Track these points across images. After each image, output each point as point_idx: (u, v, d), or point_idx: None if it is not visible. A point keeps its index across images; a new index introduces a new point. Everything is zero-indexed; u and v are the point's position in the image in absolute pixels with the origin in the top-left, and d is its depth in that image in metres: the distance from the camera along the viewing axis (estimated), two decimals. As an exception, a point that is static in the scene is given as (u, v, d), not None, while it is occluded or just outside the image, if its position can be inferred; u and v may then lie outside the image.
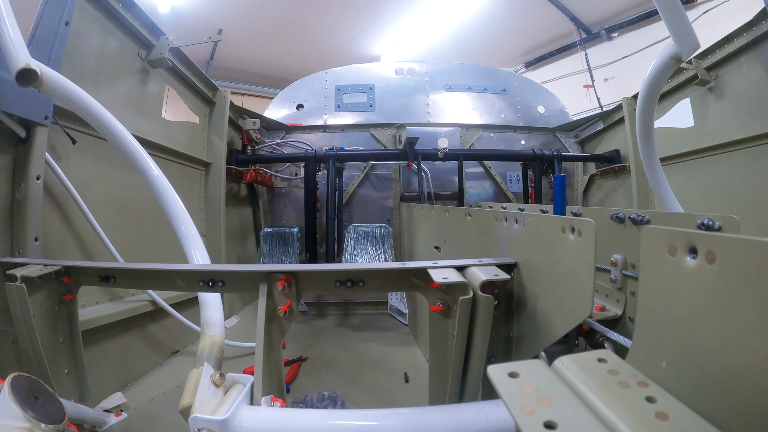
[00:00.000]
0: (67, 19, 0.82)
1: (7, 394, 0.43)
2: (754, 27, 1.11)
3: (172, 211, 0.80)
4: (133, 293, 1.04)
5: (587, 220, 0.41)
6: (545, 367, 0.30)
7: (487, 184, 1.95)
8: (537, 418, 0.24)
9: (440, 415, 0.45)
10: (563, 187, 1.28)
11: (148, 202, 1.13)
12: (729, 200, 1.22)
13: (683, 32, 0.85)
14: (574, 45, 3.99)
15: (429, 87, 2.01)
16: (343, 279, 0.58)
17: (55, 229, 0.85)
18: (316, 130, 1.92)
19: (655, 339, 0.31)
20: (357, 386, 0.95)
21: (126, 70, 1.10)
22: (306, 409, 0.63)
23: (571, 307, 0.45)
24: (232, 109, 1.61)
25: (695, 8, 3.00)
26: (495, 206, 1.39)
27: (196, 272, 0.62)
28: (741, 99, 1.19)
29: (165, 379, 0.98)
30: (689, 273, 0.28)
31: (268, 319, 0.56)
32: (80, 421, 0.63)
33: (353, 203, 1.85)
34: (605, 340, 0.54)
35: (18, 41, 0.61)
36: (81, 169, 0.92)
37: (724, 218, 0.49)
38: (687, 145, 1.37)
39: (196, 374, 0.48)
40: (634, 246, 0.60)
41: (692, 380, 0.27)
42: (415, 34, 4.20)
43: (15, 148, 0.75)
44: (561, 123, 1.99)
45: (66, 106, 0.81)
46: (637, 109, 1.05)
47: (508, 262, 0.57)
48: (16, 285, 0.60)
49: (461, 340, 0.52)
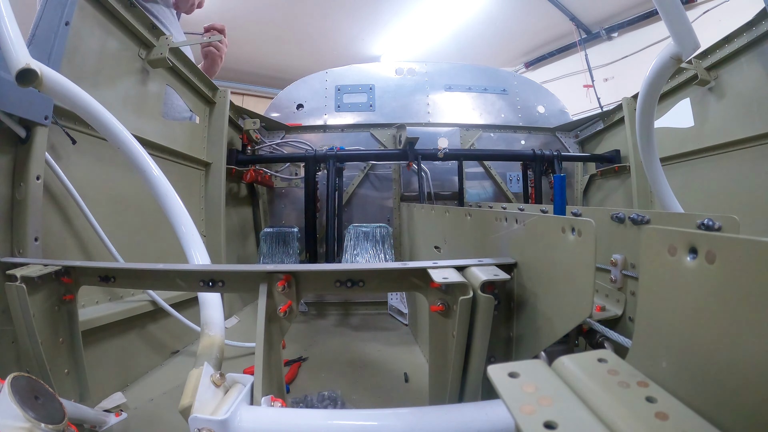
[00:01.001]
0: (67, 19, 0.82)
1: (7, 394, 0.43)
2: (754, 27, 1.11)
3: (172, 211, 0.80)
4: (133, 293, 1.04)
5: (587, 220, 0.41)
6: (545, 367, 0.30)
7: (487, 184, 1.95)
8: (537, 418, 0.24)
9: (440, 415, 0.45)
10: (563, 187, 1.28)
11: (148, 202, 1.13)
12: (729, 200, 1.22)
13: (683, 32, 0.85)
14: (574, 45, 3.99)
15: (429, 87, 2.00)
16: (343, 279, 0.58)
17: (55, 229, 0.85)
18: (316, 130, 1.92)
19: (655, 339, 0.31)
20: (357, 386, 0.95)
21: (126, 70, 1.10)
22: (306, 409, 0.63)
23: (571, 307, 0.45)
24: (232, 109, 1.61)
25: (695, 8, 3.00)
26: (495, 206, 1.39)
27: (196, 272, 0.62)
28: (741, 99, 1.19)
29: (165, 379, 0.98)
30: (689, 273, 0.28)
31: (268, 319, 0.56)
32: (80, 421, 0.63)
33: (353, 203, 1.85)
34: (605, 340, 0.54)
35: (18, 41, 0.61)
36: (81, 169, 0.92)
37: (724, 218, 0.49)
38: (687, 145, 1.37)
39: (196, 374, 0.48)
40: (634, 246, 0.60)
41: (692, 380, 0.27)
42: (415, 34, 4.19)
43: (15, 148, 0.75)
44: (561, 123, 1.99)
45: (66, 106, 0.81)
46: (637, 109, 1.05)
47: (508, 262, 0.57)
48: (16, 285, 0.60)
49: (461, 340, 0.52)
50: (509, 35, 4.18)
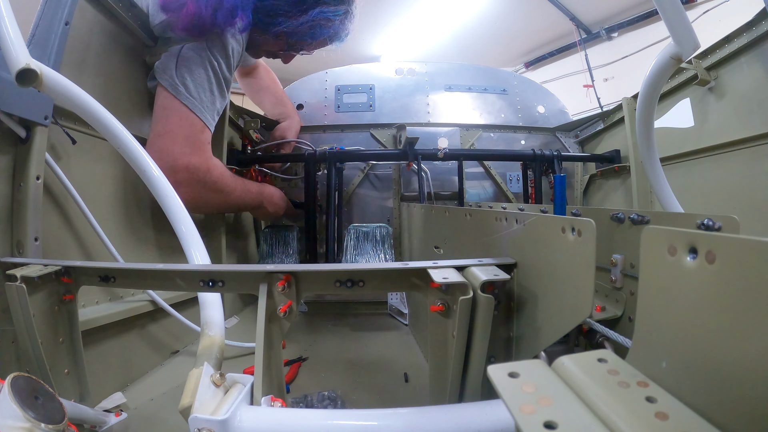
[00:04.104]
0: (67, 19, 0.82)
1: (7, 394, 0.43)
2: (754, 27, 1.11)
3: (172, 211, 0.80)
4: (133, 293, 1.04)
5: (587, 220, 0.41)
6: (545, 367, 0.30)
7: (487, 184, 1.94)
8: (537, 418, 0.25)
9: (440, 415, 0.45)
10: (563, 187, 1.28)
11: (148, 202, 1.13)
12: (729, 200, 1.22)
13: (683, 32, 0.85)
14: (574, 45, 3.99)
15: (429, 87, 2.00)
16: (343, 279, 0.58)
17: (55, 229, 0.85)
18: (316, 130, 1.92)
19: (655, 339, 0.31)
20: (357, 386, 0.95)
21: (126, 70, 1.10)
22: (306, 409, 0.63)
23: (571, 307, 0.45)
24: (232, 109, 1.61)
25: (695, 8, 3.00)
26: (495, 206, 1.39)
27: (196, 272, 0.62)
28: (741, 99, 1.19)
29: (165, 379, 0.97)
30: (689, 273, 0.28)
31: (268, 319, 0.56)
32: (80, 421, 0.63)
33: (353, 203, 1.85)
34: (605, 340, 0.54)
35: (18, 41, 0.61)
36: (81, 169, 0.92)
37: (724, 218, 0.49)
38: (687, 145, 1.37)
39: (196, 374, 0.48)
40: (634, 246, 0.60)
41: (692, 380, 0.27)
42: (415, 34, 4.19)
43: (15, 148, 0.75)
44: (561, 123, 1.99)
45: (66, 106, 0.81)
46: (637, 109, 1.05)
47: (508, 262, 0.57)
48: (16, 285, 0.59)
49: (461, 340, 0.52)
50: (509, 35, 4.18)
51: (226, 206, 1.38)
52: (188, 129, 1.05)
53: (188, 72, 1.05)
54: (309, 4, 1.20)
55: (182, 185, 0.99)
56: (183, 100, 1.04)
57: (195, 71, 1.06)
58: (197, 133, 1.07)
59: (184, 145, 1.04)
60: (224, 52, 1.12)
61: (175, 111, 1.04)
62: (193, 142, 1.06)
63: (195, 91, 1.06)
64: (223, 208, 1.44)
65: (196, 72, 1.06)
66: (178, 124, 1.04)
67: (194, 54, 1.06)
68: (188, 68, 1.05)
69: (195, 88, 1.06)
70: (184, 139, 1.04)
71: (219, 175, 1.15)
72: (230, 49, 1.13)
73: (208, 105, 1.09)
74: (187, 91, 1.05)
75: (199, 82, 1.07)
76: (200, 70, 1.07)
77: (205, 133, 1.10)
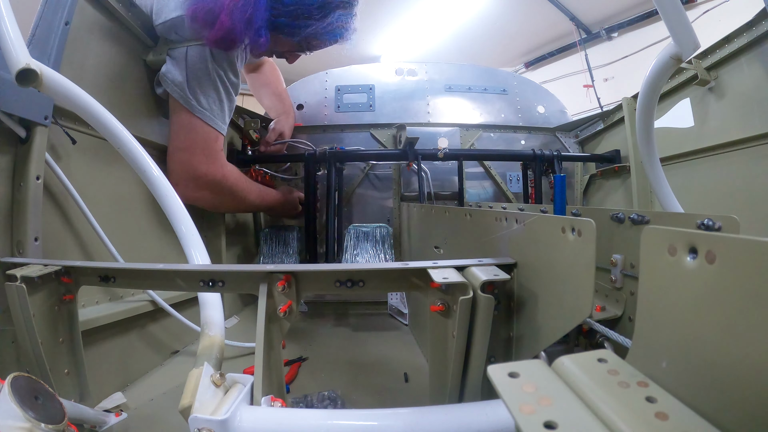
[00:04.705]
0: (67, 19, 0.82)
1: (7, 394, 0.43)
2: (754, 27, 1.11)
3: (172, 211, 0.80)
4: (133, 293, 1.04)
5: (587, 220, 0.41)
6: (545, 367, 0.30)
7: (487, 184, 1.94)
8: (537, 418, 0.24)
9: (440, 415, 0.45)
10: (563, 187, 1.28)
11: (148, 202, 1.13)
12: (729, 200, 1.22)
13: (683, 32, 0.85)
14: (574, 45, 3.99)
15: (429, 87, 2.00)
16: (343, 279, 0.58)
17: (55, 229, 0.85)
18: (316, 130, 1.92)
19: (655, 339, 0.31)
20: (357, 386, 0.95)
21: (126, 70, 1.10)
22: (306, 409, 0.63)
23: (571, 307, 0.45)
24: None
25: (695, 8, 3.00)
26: (495, 206, 1.39)
27: (196, 272, 0.62)
28: (741, 99, 1.19)
29: (165, 379, 0.98)
30: (689, 273, 0.28)
31: (268, 319, 0.56)
32: (80, 421, 0.63)
33: (353, 203, 1.85)
34: (605, 340, 0.54)
35: (18, 41, 0.61)
36: (81, 169, 0.92)
37: (724, 218, 0.49)
38: (687, 145, 1.37)
39: (196, 374, 0.48)
40: (634, 246, 0.60)
41: (692, 380, 0.27)
42: (415, 35, 4.19)
43: (15, 148, 0.75)
44: (561, 123, 1.99)
45: (66, 106, 0.81)
46: (637, 109, 1.05)
47: (508, 262, 0.57)
48: (16, 285, 0.60)
49: (461, 340, 0.52)
50: (509, 35, 4.18)
51: (243, 208, 1.57)
52: (203, 141, 1.16)
53: (198, 85, 1.13)
54: (331, 6, 1.25)
55: (203, 190, 1.19)
56: (197, 113, 1.14)
57: (204, 84, 1.14)
58: (211, 142, 1.18)
59: (201, 156, 1.17)
60: (228, 60, 1.18)
61: (192, 125, 1.15)
62: (209, 153, 1.18)
63: (206, 102, 1.15)
64: (241, 209, 1.64)
65: (205, 85, 1.14)
66: (194, 138, 1.15)
67: (201, 65, 1.12)
68: (198, 81, 1.13)
69: (206, 101, 1.15)
70: (201, 150, 1.17)
71: (234, 180, 1.28)
72: (234, 56, 1.19)
73: (218, 113, 1.18)
74: (199, 104, 1.14)
75: (209, 94, 1.15)
76: (209, 83, 1.15)
77: (219, 140, 1.21)
